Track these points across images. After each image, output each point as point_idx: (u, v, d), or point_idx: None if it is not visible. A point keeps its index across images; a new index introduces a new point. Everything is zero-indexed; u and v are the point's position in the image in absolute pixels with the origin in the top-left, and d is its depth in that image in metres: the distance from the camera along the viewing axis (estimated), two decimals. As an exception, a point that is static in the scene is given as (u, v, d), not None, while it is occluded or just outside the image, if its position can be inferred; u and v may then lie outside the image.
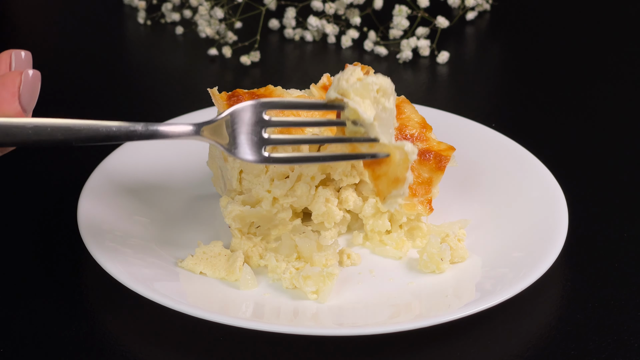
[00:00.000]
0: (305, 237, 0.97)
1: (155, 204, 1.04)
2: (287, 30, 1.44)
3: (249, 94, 1.00)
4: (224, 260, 0.97)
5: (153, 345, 0.90)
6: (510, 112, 1.29)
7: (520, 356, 0.90)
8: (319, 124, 0.91)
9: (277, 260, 0.96)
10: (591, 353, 0.90)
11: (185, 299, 0.91)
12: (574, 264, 1.00)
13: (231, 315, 0.88)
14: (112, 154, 1.08)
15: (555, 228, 0.98)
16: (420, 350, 0.90)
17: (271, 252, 0.97)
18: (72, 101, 1.26)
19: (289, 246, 0.97)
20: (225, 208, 0.97)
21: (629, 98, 1.32)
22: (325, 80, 1.04)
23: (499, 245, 0.99)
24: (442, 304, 0.92)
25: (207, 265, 0.96)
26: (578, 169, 1.16)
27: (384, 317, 0.91)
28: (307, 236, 0.97)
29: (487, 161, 1.10)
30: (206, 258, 0.97)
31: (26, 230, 1.03)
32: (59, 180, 1.12)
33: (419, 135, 1.01)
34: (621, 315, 0.94)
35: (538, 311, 0.94)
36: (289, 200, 0.99)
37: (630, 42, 1.46)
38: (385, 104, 0.88)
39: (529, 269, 0.93)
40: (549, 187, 1.04)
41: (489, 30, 1.48)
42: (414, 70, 1.37)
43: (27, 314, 0.93)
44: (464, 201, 1.06)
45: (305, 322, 0.90)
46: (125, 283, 0.91)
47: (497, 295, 0.90)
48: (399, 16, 1.41)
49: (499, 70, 1.41)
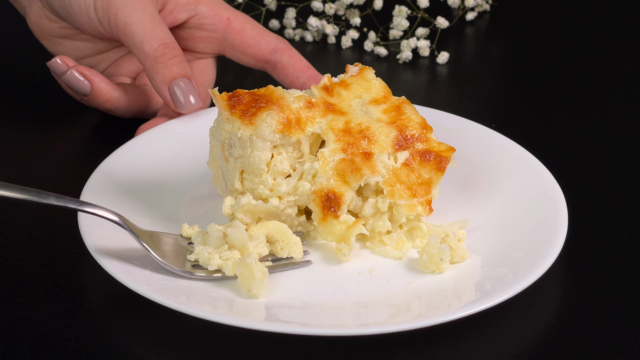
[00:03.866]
0: (234, 227, 0.95)
1: (155, 204, 1.04)
2: (287, 30, 1.44)
3: (249, 94, 1.00)
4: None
5: (153, 345, 0.90)
6: (510, 112, 1.29)
7: (520, 356, 0.90)
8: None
9: (209, 253, 0.94)
10: (591, 353, 0.90)
11: (186, 299, 0.91)
12: (574, 264, 1.00)
13: (231, 316, 0.88)
14: (112, 154, 1.08)
15: (555, 228, 0.98)
16: (420, 350, 0.90)
17: (200, 245, 0.96)
18: (72, 101, 1.26)
19: (218, 237, 0.95)
20: (238, 202, 0.98)
21: (629, 98, 1.32)
22: (325, 81, 1.04)
23: (499, 245, 0.99)
24: (442, 304, 0.92)
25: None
26: (578, 169, 1.16)
27: (384, 317, 0.91)
28: (235, 225, 0.96)
29: (487, 161, 1.10)
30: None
31: (26, 230, 1.03)
32: (59, 180, 1.12)
33: (420, 136, 1.01)
34: (621, 315, 0.94)
35: (538, 311, 0.94)
36: (291, 198, 0.99)
37: (630, 42, 1.46)
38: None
39: (529, 269, 0.93)
40: (549, 187, 1.04)
41: (488, 31, 1.48)
42: (414, 70, 1.37)
43: (27, 314, 0.93)
44: (464, 201, 1.06)
45: (306, 322, 0.90)
46: (125, 283, 0.90)
47: (497, 295, 0.90)
48: (399, 16, 1.41)
49: (499, 70, 1.41)
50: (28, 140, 1.19)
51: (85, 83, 1.15)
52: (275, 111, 0.99)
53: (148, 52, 1.13)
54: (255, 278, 0.92)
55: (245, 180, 1.00)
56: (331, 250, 1.00)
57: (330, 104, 1.02)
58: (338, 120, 1.00)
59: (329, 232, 0.98)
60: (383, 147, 1.00)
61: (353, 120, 1.01)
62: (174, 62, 1.13)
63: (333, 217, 0.98)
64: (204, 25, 1.21)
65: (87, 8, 1.14)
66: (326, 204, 0.98)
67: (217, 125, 1.02)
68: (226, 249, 0.95)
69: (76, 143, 1.20)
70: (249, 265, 0.92)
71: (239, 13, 1.22)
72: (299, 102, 1.00)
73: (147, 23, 1.13)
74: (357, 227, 0.98)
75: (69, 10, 1.15)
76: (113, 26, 1.14)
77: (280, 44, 1.22)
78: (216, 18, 1.21)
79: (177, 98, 1.12)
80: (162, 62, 1.12)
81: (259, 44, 1.22)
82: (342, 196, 0.98)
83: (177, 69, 1.13)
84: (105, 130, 1.20)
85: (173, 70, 1.13)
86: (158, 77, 1.13)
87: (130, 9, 1.13)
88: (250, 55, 1.22)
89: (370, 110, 1.02)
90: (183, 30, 1.21)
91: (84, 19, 1.15)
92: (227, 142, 1.00)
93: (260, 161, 0.99)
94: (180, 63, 1.13)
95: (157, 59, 1.12)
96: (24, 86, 1.30)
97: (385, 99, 1.03)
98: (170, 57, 1.13)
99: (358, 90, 1.04)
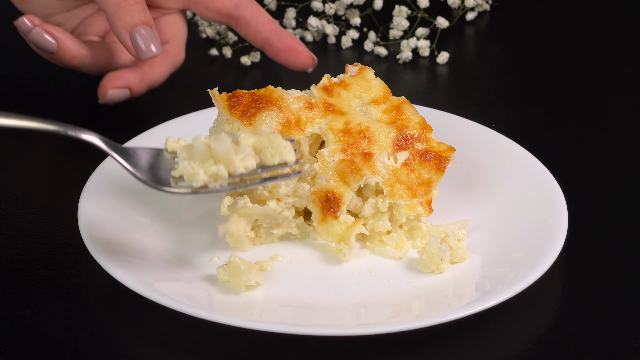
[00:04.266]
0: (219, 141, 0.92)
1: (155, 204, 1.04)
2: (288, 30, 1.44)
3: (249, 94, 1.00)
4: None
5: (153, 345, 0.90)
6: (510, 112, 1.29)
7: (520, 356, 0.90)
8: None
9: (193, 168, 0.92)
10: (591, 353, 0.90)
11: (186, 299, 0.91)
12: (574, 264, 1.00)
13: (231, 316, 0.88)
14: (112, 154, 1.08)
15: (555, 228, 0.98)
16: (420, 350, 0.90)
17: (184, 161, 0.92)
18: (73, 101, 1.26)
19: (203, 152, 0.92)
20: (234, 205, 0.97)
21: (629, 98, 1.32)
22: (325, 81, 1.04)
23: (499, 245, 0.99)
24: (442, 304, 0.92)
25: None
26: (578, 169, 1.16)
27: (384, 317, 0.91)
28: (220, 139, 0.92)
29: (487, 162, 1.10)
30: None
31: (26, 230, 1.03)
32: (59, 180, 1.12)
33: (420, 136, 1.01)
34: (621, 315, 0.94)
35: (538, 311, 0.94)
36: (290, 200, 0.99)
37: (630, 42, 1.46)
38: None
39: (529, 269, 0.93)
40: (549, 187, 1.04)
41: (488, 31, 1.48)
42: (414, 70, 1.37)
43: (27, 314, 0.93)
44: (464, 201, 1.06)
45: (306, 322, 0.90)
46: (125, 283, 0.91)
47: (497, 295, 0.90)
48: (399, 17, 1.41)
49: (499, 71, 1.41)
50: (28, 141, 1.19)
51: (52, 41, 1.15)
52: (274, 112, 0.99)
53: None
54: (242, 270, 0.92)
55: (246, 180, 1.00)
56: (331, 250, 1.00)
57: (329, 105, 1.02)
58: (338, 121, 1.00)
59: (329, 233, 0.98)
60: (383, 148, 1.00)
61: (353, 121, 1.01)
62: (136, 9, 1.13)
63: (333, 217, 0.98)
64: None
65: None
66: (325, 204, 0.98)
67: (217, 125, 1.02)
68: (212, 164, 0.92)
69: (76, 143, 1.20)
70: (233, 263, 0.92)
71: None
72: (299, 102, 1.00)
73: None
74: (357, 227, 0.98)
75: None
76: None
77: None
78: None
79: (138, 45, 1.12)
80: (124, 8, 1.12)
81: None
82: (341, 197, 0.98)
83: (138, 15, 1.13)
84: (106, 131, 1.20)
85: (134, 16, 1.12)
86: (119, 22, 1.12)
87: None
88: (214, 10, 1.22)
89: (370, 110, 1.02)
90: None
91: None
92: (227, 142, 0.99)
93: (260, 161, 0.99)
94: (142, 10, 1.13)
95: (119, 4, 1.12)
96: (23, 81, 1.30)
97: (385, 99, 1.03)
98: (132, 4, 1.12)
99: (358, 90, 1.04)
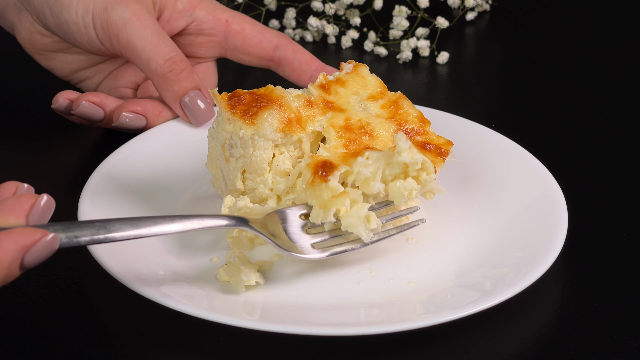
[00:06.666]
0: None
1: (155, 204, 1.04)
2: (287, 30, 1.44)
3: (249, 94, 1.00)
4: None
5: (153, 345, 0.90)
6: (510, 112, 1.29)
7: (520, 356, 0.90)
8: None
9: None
10: (591, 353, 0.90)
11: (186, 299, 0.91)
12: (574, 264, 1.00)
13: (231, 316, 0.88)
14: (112, 154, 1.08)
15: (555, 228, 0.98)
16: (420, 351, 0.90)
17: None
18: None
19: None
20: (234, 204, 0.97)
21: (629, 98, 1.32)
22: (322, 79, 1.04)
23: (499, 245, 0.99)
24: (442, 304, 0.92)
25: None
26: (578, 169, 1.16)
27: (384, 317, 0.91)
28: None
29: (487, 161, 1.10)
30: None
31: (26, 230, 1.03)
32: (59, 180, 1.12)
33: (418, 129, 1.01)
34: (621, 315, 0.94)
35: (538, 311, 0.94)
36: (290, 197, 0.99)
37: (630, 42, 1.46)
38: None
39: (529, 269, 0.93)
40: (549, 187, 1.04)
41: (488, 31, 1.48)
42: (414, 70, 1.37)
43: (28, 314, 0.93)
44: (464, 201, 1.06)
45: (306, 322, 0.90)
46: (125, 283, 0.91)
47: (497, 295, 0.90)
48: (399, 16, 1.41)
49: (499, 71, 1.41)
50: (28, 141, 1.19)
51: (98, 109, 1.13)
52: (276, 110, 0.99)
53: (155, 69, 1.11)
54: (242, 270, 0.92)
55: (247, 179, 1.00)
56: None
57: (328, 102, 1.02)
58: (338, 118, 1.01)
59: (315, 195, 0.95)
60: (384, 142, 0.99)
61: (353, 117, 1.01)
62: (183, 76, 1.12)
63: (322, 180, 0.95)
64: (203, 30, 1.20)
65: (86, 28, 1.12)
66: (318, 168, 0.96)
67: (217, 125, 1.02)
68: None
69: (76, 143, 1.20)
70: (233, 263, 0.92)
71: (236, 13, 1.21)
72: (299, 100, 1.00)
73: (149, 39, 1.11)
74: (341, 200, 0.94)
75: (67, 30, 1.13)
76: (116, 45, 1.12)
77: (281, 39, 1.21)
78: (214, 22, 1.20)
79: (190, 112, 1.13)
80: (171, 79, 1.12)
81: (261, 42, 1.21)
82: (337, 165, 0.96)
83: (186, 82, 1.12)
84: (105, 131, 1.20)
85: (182, 85, 1.12)
86: (168, 93, 1.12)
87: (131, 27, 1.11)
88: (253, 55, 1.22)
89: (369, 106, 1.02)
90: (183, 37, 1.20)
91: (83, 38, 1.13)
92: (228, 142, 1.00)
93: (262, 160, 0.99)
94: (189, 76, 1.13)
95: (165, 75, 1.12)
96: (22, 87, 1.30)
97: (382, 94, 1.03)
98: (178, 73, 1.12)
99: (354, 87, 1.04)
